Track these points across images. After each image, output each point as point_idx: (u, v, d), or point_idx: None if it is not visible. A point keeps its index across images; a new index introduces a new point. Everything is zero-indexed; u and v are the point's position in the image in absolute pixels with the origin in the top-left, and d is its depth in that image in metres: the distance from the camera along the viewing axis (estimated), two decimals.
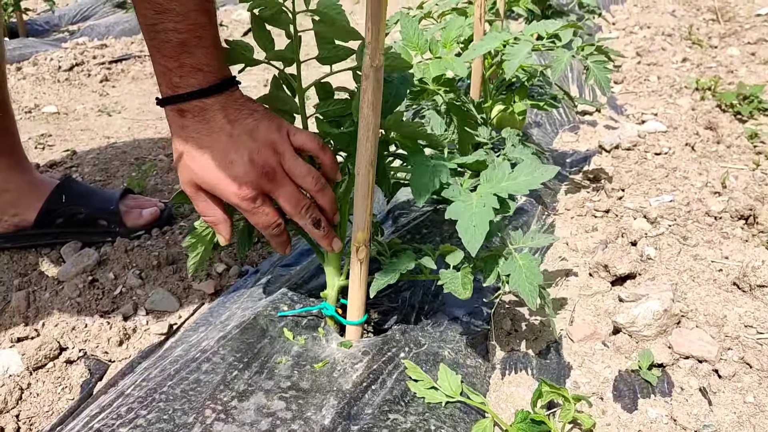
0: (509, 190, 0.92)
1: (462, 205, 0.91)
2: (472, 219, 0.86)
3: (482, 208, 0.87)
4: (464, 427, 0.90)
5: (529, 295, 0.88)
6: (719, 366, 0.98)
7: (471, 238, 0.85)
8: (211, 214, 0.96)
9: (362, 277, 0.98)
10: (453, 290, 0.94)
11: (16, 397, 1.01)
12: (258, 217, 0.94)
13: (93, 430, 0.85)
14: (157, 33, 0.85)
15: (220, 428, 0.84)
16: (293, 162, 0.94)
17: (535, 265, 0.91)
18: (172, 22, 0.84)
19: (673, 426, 0.90)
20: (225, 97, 0.90)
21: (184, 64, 0.87)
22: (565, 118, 2.12)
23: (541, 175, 0.96)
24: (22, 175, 1.40)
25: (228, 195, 0.92)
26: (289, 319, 1.06)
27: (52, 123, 2.33)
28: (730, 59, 2.69)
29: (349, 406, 0.90)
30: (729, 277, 1.19)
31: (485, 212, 0.87)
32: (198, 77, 0.88)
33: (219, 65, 0.91)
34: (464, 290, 0.94)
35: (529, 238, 0.99)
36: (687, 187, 1.54)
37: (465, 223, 0.87)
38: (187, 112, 0.89)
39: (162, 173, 1.87)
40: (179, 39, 0.85)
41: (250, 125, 0.92)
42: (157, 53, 0.87)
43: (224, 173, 0.90)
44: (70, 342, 1.10)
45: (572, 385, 1.00)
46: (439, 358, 1.02)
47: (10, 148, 1.39)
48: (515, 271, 0.90)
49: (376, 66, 0.85)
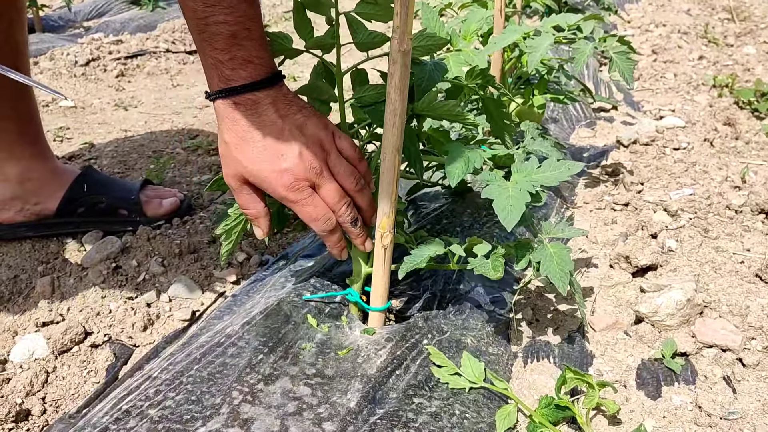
0: (541, 181, 0.95)
1: (498, 188, 0.93)
2: (508, 200, 0.90)
3: (518, 191, 0.91)
4: (488, 412, 0.91)
5: (561, 281, 0.90)
6: (743, 355, 0.97)
7: (507, 215, 0.89)
8: (252, 207, 0.98)
9: (386, 263, 0.98)
10: (483, 271, 0.95)
11: (41, 380, 1.02)
12: (307, 209, 0.95)
13: (122, 411, 0.86)
14: (208, 26, 0.86)
15: (248, 410, 0.85)
16: (338, 161, 0.96)
17: (566, 253, 0.93)
18: (222, 14, 0.85)
19: (697, 413, 0.90)
20: (275, 91, 0.92)
21: (236, 57, 0.88)
22: (581, 114, 2.12)
23: (568, 169, 0.98)
24: (45, 163, 1.41)
25: (276, 187, 0.93)
26: (312, 306, 1.07)
27: (70, 116, 2.34)
28: (746, 57, 2.68)
29: (374, 390, 0.90)
30: (751, 269, 1.18)
31: (521, 195, 0.91)
32: (249, 70, 0.89)
33: (268, 58, 0.92)
34: (495, 271, 0.94)
35: (559, 229, 1.01)
36: (707, 181, 1.53)
37: (502, 203, 0.91)
38: (239, 105, 0.90)
39: (179, 166, 1.88)
40: (230, 31, 0.86)
41: (300, 120, 0.93)
42: (208, 46, 0.88)
43: (274, 166, 0.91)
44: (95, 327, 1.11)
45: (595, 372, 1.00)
46: (461, 345, 1.03)
47: (34, 137, 1.40)
48: (546, 258, 0.93)
49: (403, 50, 0.85)
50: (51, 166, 1.42)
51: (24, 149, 1.37)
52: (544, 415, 0.89)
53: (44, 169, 1.40)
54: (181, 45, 3.25)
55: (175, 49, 3.20)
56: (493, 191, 0.93)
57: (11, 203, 1.36)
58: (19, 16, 1.31)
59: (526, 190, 0.91)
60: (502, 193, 0.92)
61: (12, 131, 1.34)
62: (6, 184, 1.35)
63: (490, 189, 0.93)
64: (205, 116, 2.35)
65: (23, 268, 1.31)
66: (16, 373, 1.02)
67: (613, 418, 0.91)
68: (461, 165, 0.94)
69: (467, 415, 0.89)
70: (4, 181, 1.35)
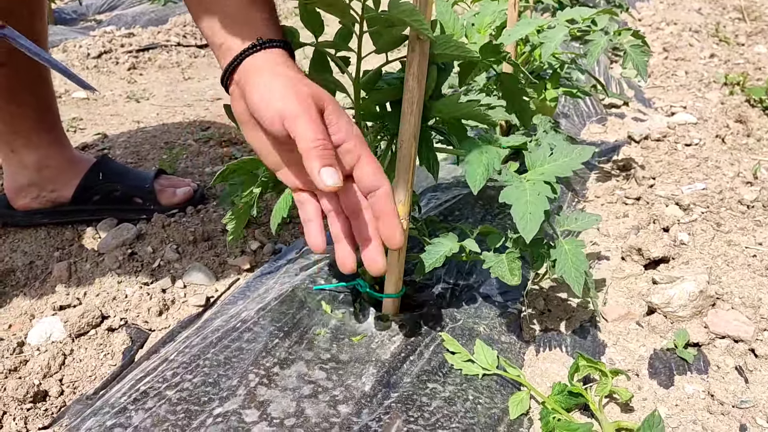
0: (554, 172, 0.93)
1: (515, 191, 0.90)
2: (527, 206, 0.87)
3: (536, 196, 0.88)
4: (501, 398, 0.91)
5: (576, 282, 0.89)
6: (755, 345, 0.98)
7: (526, 225, 0.86)
8: (328, 138, 0.79)
9: (401, 251, 0.99)
10: (500, 275, 0.94)
11: (59, 362, 1.03)
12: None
13: (140, 392, 0.87)
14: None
15: (264, 392, 0.86)
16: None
17: (581, 251, 0.92)
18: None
19: (710, 401, 0.90)
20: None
21: (275, 18, 0.87)
22: (592, 109, 2.12)
23: (579, 155, 0.96)
24: (62, 151, 1.42)
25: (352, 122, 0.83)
26: (327, 293, 1.08)
27: (83, 108, 2.36)
28: (757, 56, 2.68)
29: (388, 375, 0.91)
30: (763, 263, 1.19)
31: (540, 201, 0.87)
32: (273, 30, 0.86)
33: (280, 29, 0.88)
34: (512, 276, 0.94)
35: (573, 220, 1.00)
36: (719, 177, 1.53)
37: (521, 209, 0.87)
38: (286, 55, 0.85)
39: (192, 156, 1.89)
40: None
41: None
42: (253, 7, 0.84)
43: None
44: (111, 311, 1.13)
45: (607, 362, 1.01)
46: (474, 333, 1.03)
47: (51, 125, 1.42)
48: (561, 256, 0.91)
49: (422, 38, 0.86)
50: (68, 155, 1.44)
51: (41, 137, 1.38)
52: (557, 401, 0.90)
53: (61, 157, 1.42)
54: (192, 39, 3.26)
55: (186, 42, 3.21)
56: (511, 195, 0.89)
57: (28, 190, 1.38)
58: (40, 6, 1.32)
59: (545, 194, 0.88)
60: (521, 196, 0.89)
61: (31, 118, 1.35)
62: (24, 170, 1.37)
63: (508, 192, 0.90)
64: (217, 109, 2.37)
65: (39, 254, 1.32)
66: (33, 355, 1.04)
67: (625, 405, 0.91)
68: (482, 171, 0.90)
69: (480, 401, 0.90)
70: (22, 168, 1.36)
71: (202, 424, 0.80)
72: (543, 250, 0.95)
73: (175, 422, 0.81)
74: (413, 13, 0.81)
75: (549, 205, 0.88)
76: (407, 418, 0.84)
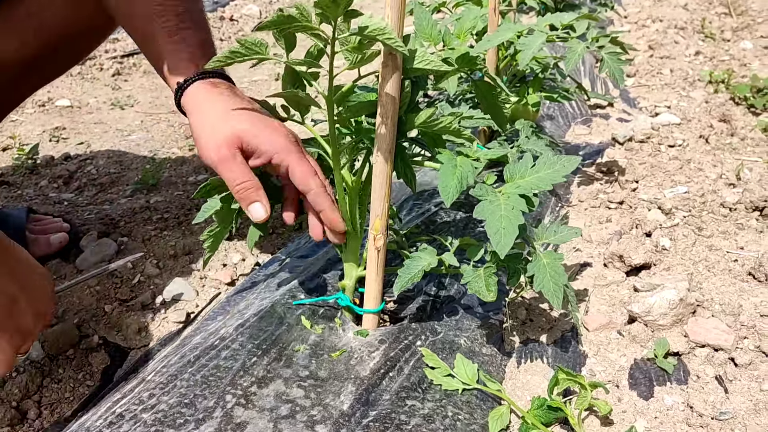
0: (534, 186, 0.92)
1: (489, 206, 0.89)
2: (501, 221, 0.86)
3: (510, 210, 0.87)
4: (481, 413, 0.91)
5: (554, 296, 0.89)
6: (735, 354, 0.98)
7: (500, 241, 0.85)
8: (248, 178, 0.94)
9: (379, 265, 0.98)
10: (477, 291, 0.93)
11: (37, 383, 1.02)
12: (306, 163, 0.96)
13: (115, 414, 0.86)
14: (181, 30, 1.03)
15: (241, 413, 0.85)
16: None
17: (559, 264, 0.91)
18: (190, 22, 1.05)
19: (689, 413, 0.90)
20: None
21: (207, 53, 1.04)
22: (577, 111, 2.12)
23: (563, 167, 0.94)
24: None
25: (279, 136, 0.95)
26: (306, 307, 1.07)
27: (66, 116, 2.34)
28: (743, 53, 2.68)
29: (367, 393, 0.91)
30: (744, 268, 1.19)
31: (514, 215, 0.86)
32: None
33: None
34: (488, 292, 0.93)
35: (552, 233, 0.99)
36: (701, 179, 1.53)
37: (494, 225, 0.86)
38: (220, 84, 1.01)
39: (176, 165, 1.88)
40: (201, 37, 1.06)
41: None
42: (183, 44, 1.03)
43: (269, 121, 0.97)
44: (90, 329, 1.12)
45: (588, 373, 1.01)
46: (455, 346, 1.03)
47: None
48: (540, 270, 0.90)
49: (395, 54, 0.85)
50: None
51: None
52: (537, 416, 0.89)
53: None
54: None
55: None
56: (485, 210, 0.88)
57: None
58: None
59: (519, 208, 0.87)
60: (495, 211, 0.88)
61: None
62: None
63: (482, 207, 0.89)
64: None
65: None
66: (11, 376, 1.03)
67: (605, 418, 0.91)
68: (455, 184, 0.89)
69: (460, 417, 0.89)
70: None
71: None
72: (520, 265, 0.94)
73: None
74: (384, 31, 0.81)
75: (523, 220, 0.87)
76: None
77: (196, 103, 0.99)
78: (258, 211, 0.95)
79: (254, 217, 0.95)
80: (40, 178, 1.80)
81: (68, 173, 1.81)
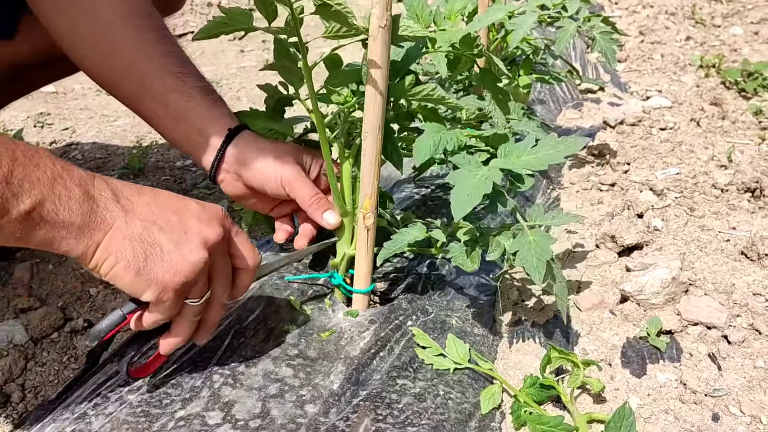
0: (529, 165, 0.90)
1: (466, 174, 0.89)
2: (466, 189, 0.85)
3: (484, 181, 0.86)
4: (473, 392, 0.90)
5: (536, 271, 0.85)
6: (728, 332, 0.97)
7: (458, 206, 0.85)
8: (317, 191, 1.01)
9: (369, 244, 0.97)
10: (460, 263, 0.93)
11: (20, 366, 1.00)
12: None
13: (100, 396, 0.85)
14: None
15: (229, 392, 0.84)
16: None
17: (546, 242, 0.87)
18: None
19: (682, 390, 0.89)
20: None
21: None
22: (568, 95, 2.10)
23: (566, 148, 0.91)
24: None
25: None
26: (295, 288, 1.05)
27: (51, 102, 2.30)
28: (733, 38, 2.67)
29: (357, 372, 0.89)
30: (737, 247, 1.18)
31: (483, 185, 0.86)
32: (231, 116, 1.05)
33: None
34: (471, 263, 0.92)
35: (549, 216, 0.96)
36: (693, 161, 1.53)
37: (460, 191, 0.86)
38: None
39: (162, 151, 1.86)
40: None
41: None
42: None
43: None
44: (74, 312, 1.10)
45: (580, 352, 1.00)
46: (446, 326, 1.02)
47: None
48: (523, 246, 0.88)
49: (384, 26, 0.84)
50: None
51: None
52: (529, 394, 0.88)
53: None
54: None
55: None
56: (460, 177, 0.88)
57: None
58: None
59: (492, 180, 0.86)
60: (469, 179, 0.87)
61: None
62: None
63: (457, 174, 0.88)
64: None
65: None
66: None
67: (597, 396, 0.90)
68: (429, 144, 0.89)
69: (451, 396, 0.88)
70: None
71: (163, 428, 0.78)
72: (500, 237, 0.92)
73: (135, 426, 0.79)
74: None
75: (490, 191, 0.85)
76: (376, 416, 0.82)
77: (247, 146, 1.00)
78: (333, 217, 1.00)
79: (329, 224, 1.00)
80: None
81: None
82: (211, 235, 0.78)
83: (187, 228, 0.76)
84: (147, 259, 0.73)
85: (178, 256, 0.74)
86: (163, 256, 0.74)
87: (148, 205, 0.76)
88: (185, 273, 0.74)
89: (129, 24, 1.00)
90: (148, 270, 0.73)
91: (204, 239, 0.77)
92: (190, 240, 0.76)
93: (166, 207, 0.77)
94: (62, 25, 1.02)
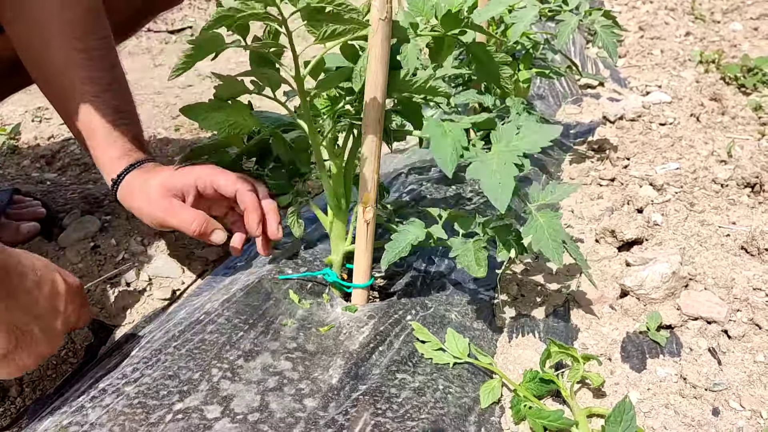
0: (522, 148, 0.90)
1: (482, 165, 0.88)
2: (495, 176, 0.84)
3: (503, 165, 0.85)
4: (472, 387, 0.90)
5: (554, 252, 0.86)
6: (728, 327, 0.97)
7: (498, 196, 0.83)
8: (196, 215, 1.02)
9: (368, 239, 0.96)
10: (466, 266, 0.92)
11: None
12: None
13: (98, 389, 0.84)
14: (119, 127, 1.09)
15: (227, 386, 0.83)
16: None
17: (557, 222, 0.89)
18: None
19: (682, 384, 0.89)
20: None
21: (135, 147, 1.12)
22: (567, 90, 2.10)
23: (548, 132, 0.93)
24: None
25: (192, 168, 1.06)
26: (294, 282, 1.05)
27: None
28: (733, 34, 2.67)
29: (356, 367, 0.89)
30: (737, 242, 1.18)
31: (507, 169, 0.85)
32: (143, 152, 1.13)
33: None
34: (478, 267, 0.91)
35: (548, 193, 0.96)
36: (693, 156, 1.52)
37: (490, 181, 0.84)
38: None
39: (161, 145, 1.85)
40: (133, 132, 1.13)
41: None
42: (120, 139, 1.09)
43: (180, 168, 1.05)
44: None
45: (580, 346, 1.00)
46: (445, 321, 1.01)
47: None
48: (537, 230, 0.88)
49: (384, 19, 0.83)
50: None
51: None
52: (529, 389, 0.88)
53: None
54: (163, 24, 3.20)
55: (156, 28, 3.15)
56: (479, 170, 0.87)
57: None
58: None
59: (511, 162, 0.86)
60: (487, 167, 0.86)
61: None
62: None
63: (475, 167, 0.87)
64: (187, 96, 2.32)
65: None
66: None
67: (597, 390, 0.90)
68: (451, 151, 0.88)
69: (451, 390, 0.88)
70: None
71: (161, 420, 0.78)
72: (510, 236, 0.92)
73: (133, 418, 0.78)
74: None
75: (517, 172, 0.85)
76: (375, 410, 0.82)
77: (133, 189, 1.05)
78: (219, 236, 1.04)
79: (217, 241, 1.04)
80: (23, 158, 1.77)
81: (51, 153, 1.77)
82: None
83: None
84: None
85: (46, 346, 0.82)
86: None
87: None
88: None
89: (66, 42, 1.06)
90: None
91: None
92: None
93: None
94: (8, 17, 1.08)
